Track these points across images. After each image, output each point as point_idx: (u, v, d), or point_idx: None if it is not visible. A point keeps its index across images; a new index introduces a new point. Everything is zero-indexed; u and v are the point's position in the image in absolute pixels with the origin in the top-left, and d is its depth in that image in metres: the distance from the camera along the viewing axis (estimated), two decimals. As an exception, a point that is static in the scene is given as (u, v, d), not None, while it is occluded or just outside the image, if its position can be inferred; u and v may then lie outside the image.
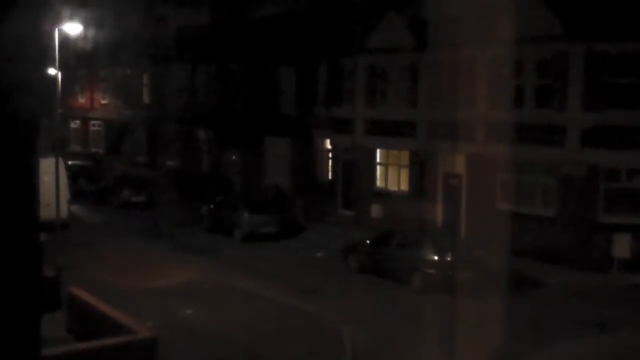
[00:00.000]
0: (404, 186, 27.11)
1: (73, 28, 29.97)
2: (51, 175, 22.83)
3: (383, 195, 27.79)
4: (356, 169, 29.12)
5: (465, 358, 13.82)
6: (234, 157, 36.83)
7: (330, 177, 31.10)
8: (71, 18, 29.90)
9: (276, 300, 18.44)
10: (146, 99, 44.66)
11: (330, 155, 31.21)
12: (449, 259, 19.17)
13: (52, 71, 30.06)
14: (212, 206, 28.72)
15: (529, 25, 21.62)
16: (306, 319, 16.94)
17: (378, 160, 28.61)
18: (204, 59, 38.39)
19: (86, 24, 34.05)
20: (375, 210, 27.59)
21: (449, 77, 24.21)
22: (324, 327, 16.14)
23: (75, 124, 52.20)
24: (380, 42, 27.04)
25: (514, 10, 21.94)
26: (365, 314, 17.15)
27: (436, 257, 19.28)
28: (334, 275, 21.03)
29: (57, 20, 28.83)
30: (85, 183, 34.91)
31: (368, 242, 21.63)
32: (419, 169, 26.16)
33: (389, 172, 28.14)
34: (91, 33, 38.52)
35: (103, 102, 49.19)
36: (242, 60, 35.61)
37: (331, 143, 30.94)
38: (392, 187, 27.77)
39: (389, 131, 27.06)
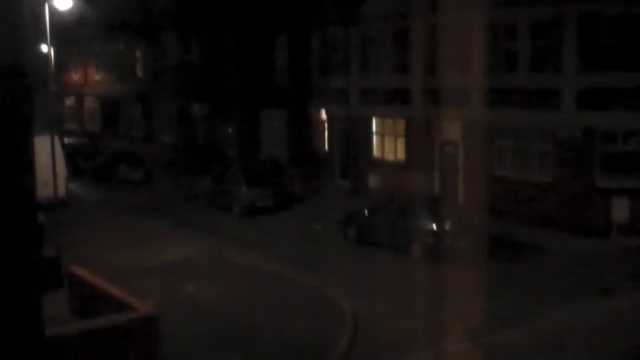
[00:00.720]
0: (401, 155, 27.11)
1: (63, 3, 29.62)
2: (47, 154, 22.76)
3: (380, 165, 27.81)
4: (352, 139, 29.09)
5: (465, 324, 13.93)
6: (229, 130, 36.76)
7: (326, 148, 31.08)
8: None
9: (276, 273, 18.51)
10: (140, 73, 44.42)
11: (326, 126, 31.16)
12: (447, 227, 19.23)
13: (44, 48, 29.85)
14: (210, 181, 28.71)
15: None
16: (306, 291, 17.02)
17: (374, 129, 28.58)
18: (197, 32, 38.12)
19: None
20: (373, 180, 27.63)
21: (442, 42, 24.04)
22: (324, 300, 16.23)
23: (70, 101, 52.00)
24: (372, 9, 26.85)
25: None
26: (365, 285, 17.24)
27: (434, 226, 19.32)
28: (332, 246, 21.09)
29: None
30: (82, 160, 34.87)
31: (366, 212, 21.66)
32: (415, 137, 26.12)
33: (385, 141, 28.13)
34: (82, 7, 38.17)
35: (97, 77, 48.93)
36: (235, 31, 35.37)
37: (326, 113, 30.89)
38: (389, 156, 27.78)
39: (384, 100, 27.02)
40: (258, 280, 18.16)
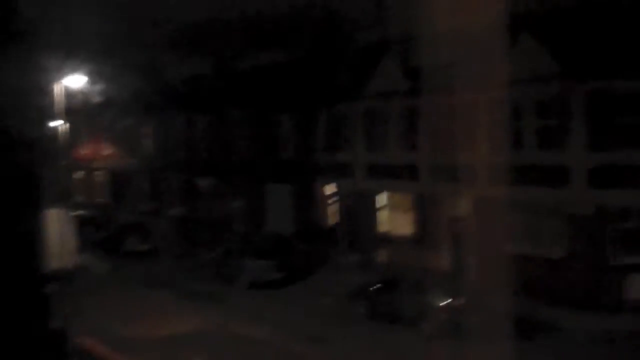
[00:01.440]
0: (409, 230, 27.03)
1: (77, 80, 30.31)
2: (57, 226, 22.84)
3: (388, 240, 27.70)
4: (359, 213, 29.10)
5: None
6: (235, 204, 36.86)
7: (332, 222, 31.04)
8: (75, 71, 30.30)
9: (284, 348, 18.25)
10: (148, 148, 44.92)
11: (331, 200, 31.21)
12: (459, 303, 19.03)
13: (56, 123, 30.31)
14: (216, 254, 28.61)
15: (526, 66, 21.77)
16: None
17: (381, 204, 28.61)
18: (204, 108, 38.71)
19: (89, 76, 34.43)
20: (382, 255, 27.49)
21: (448, 119, 24.22)
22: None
23: (79, 174, 52.38)
24: (377, 87, 27.28)
25: (510, 52, 22.14)
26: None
27: (446, 302, 19.13)
28: (341, 321, 20.85)
29: (61, 73, 29.17)
30: (90, 232, 34.89)
31: (375, 287, 21.49)
32: (423, 212, 26.11)
33: (393, 216, 28.10)
34: (94, 85, 38.93)
35: (106, 152, 49.42)
36: (241, 108, 35.90)
37: (332, 188, 30.98)
38: (397, 231, 27.70)
39: (391, 175, 27.12)
40: (264, 355, 17.88)
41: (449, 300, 19.12)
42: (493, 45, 21.08)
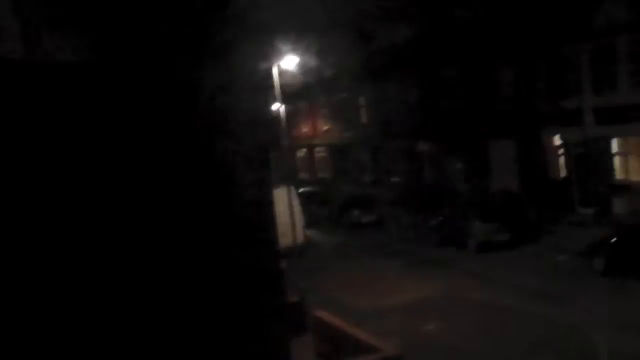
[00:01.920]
0: (648, 176, 24.92)
1: (290, 61, 31.19)
2: (285, 204, 23.71)
3: (626, 188, 25.70)
4: (591, 162, 27.25)
5: None
6: (457, 166, 36.14)
7: (563, 174, 29.38)
8: (287, 52, 31.19)
9: (520, 309, 17.54)
10: (365, 119, 45.38)
11: (560, 151, 29.52)
12: None
13: (276, 105, 31.46)
14: (441, 218, 28.24)
15: None
16: (554, 327, 15.89)
17: (615, 150, 26.58)
18: (417, 71, 38.20)
19: (300, 55, 35.30)
20: (618, 205, 25.56)
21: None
22: (575, 335, 15.02)
23: (301, 153, 54.33)
24: (605, 22, 25.15)
25: None
26: (621, 320, 15.74)
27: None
28: (579, 279, 19.68)
29: (276, 55, 30.15)
30: (317, 208, 35.96)
31: (614, 240, 19.98)
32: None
33: (629, 162, 26.01)
34: (306, 64, 39.88)
35: (325, 128, 50.72)
36: (455, 66, 34.95)
37: (560, 138, 29.27)
38: (635, 177, 25.61)
39: (624, 117, 25.03)
40: (501, 318, 17.29)
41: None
42: None
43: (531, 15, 29.48)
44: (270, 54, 29.02)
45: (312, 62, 40.73)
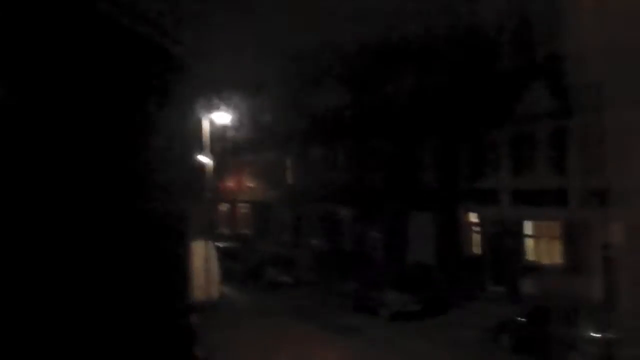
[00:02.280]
0: (557, 259, 25.80)
1: (222, 117, 31.34)
2: (202, 258, 23.54)
3: (535, 269, 26.54)
4: (504, 242, 28.09)
5: None
6: (376, 234, 36.62)
7: (476, 251, 30.14)
8: (219, 107, 31.41)
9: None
10: (290, 180, 45.71)
11: (475, 228, 30.35)
12: (610, 335, 17.82)
13: (202, 158, 31.39)
14: (357, 285, 28.43)
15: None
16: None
17: (528, 232, 27.51)
18: (345, 138, 38.88)
19: (232, 111, 35.54)
20: (528, 285, 26.34)
21: (599, 141, 23.10)
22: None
23: (223, 207, 54.07)
24: (525, 110, 26.35)
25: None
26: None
27: (598, 335, 17.96)
28: (484, 355, 20.05)
29: (207, 109, 30.30)
30: (235, 264, 35.68)
31: (522, 319, 20.54)
32: (573, 239, 24.84)
33: (540, 244, 26.93)
34: (237, 120, 40.11)
35: (250, 185, 50.82)
36: (382, 137, 35.75)
37: (476, 216, 30.13)
38: (545, 259, 26.51)
39: (538, 201, 26.00)
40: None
41: (601, 333, 17.93)
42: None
43: (457, 97, 30.66)
44: (201, 108, 29.20)
45: (243, 119, 41.05)
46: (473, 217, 30.41)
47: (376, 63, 37.41)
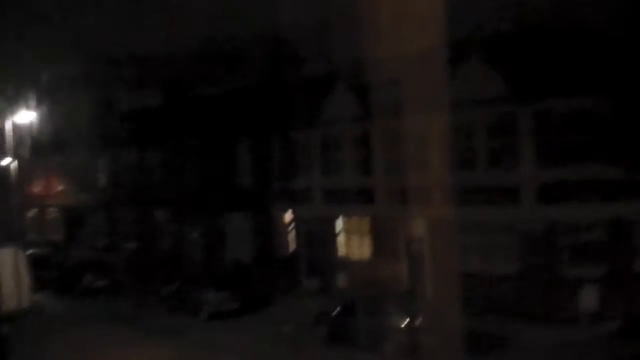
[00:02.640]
0: (368, 253, 27.27)
1: (25, 117, 30.01)
2: (10, 266, 22.60)
3: (347, 264, 27.89)
4: (317, 239, 29.25)
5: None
6: (194, 235, 36.71)
7: (292, 248, 31.13)
8: (23, 107, 30.09)
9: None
10: (102, 182, 44.54)
11: (290, 226, 31.33)
12: (417, 323, 19.22)
13: (6, 161, 29.97)
14: (174, 286, 28.42)
15: (475, 88, 22.36)
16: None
17: (339, 228, 28.82)
18: (157, 140, 38.60)
19: (38, 112, 34.18)
20: (341, 280, 27.63)
21: (402, 142, 24.66)
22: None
23: (32, 212, 51.59)
24: (330, 113, 27.66)
25: (459, 74, 22.72)
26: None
27: (405, 323, 19.31)
28: (303, 348, 20.89)
29: (9, 110, 28.96)
30: (46, 271, 34.34)
31: (336, 312, 21.59)
32: (380, 235, 26.39)
33: (351, 240, 28.32)
34: (43, 121, 38.61)
35: (59, 188, 48.85)
36: (195, 138, 35.91)
37: (290, 215, 31.11)
38: (356, 255, 27.91)
39: (348, 199, 27.34)
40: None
41: (408, 321, 19.31)
42: (438, 69, 21.60)
43: (267, 99, 31.58)
44: (4, 109, 27.90)
45: (52, 119, 39.54)
46: (288, 216, 31.37)
47: (190, 65, 37.56)
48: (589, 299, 20.13)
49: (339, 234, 28.81)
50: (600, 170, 20.87)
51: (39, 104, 35.52)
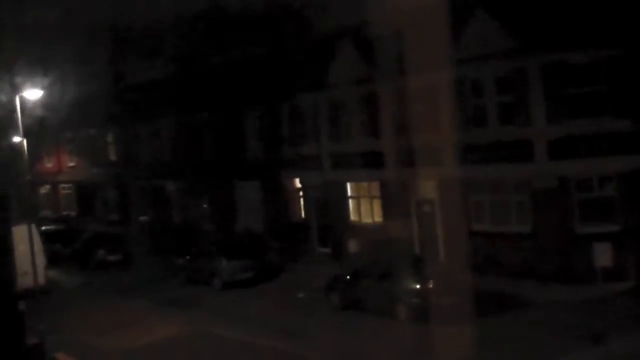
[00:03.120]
0: (378, 217, 27.23)
1: (33, 93, 29.92)
2: (26, 243, 22.74)
3: (358, 229, 27.88)
4: (328, 205, 29.23)
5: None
6: (204, 206, 36.81)
7: (303, 215, 31.15)
8: (31, 83, 29.95)
9: (263, 345, 18.34)
10: (113, 156, 44.65)
11: (301, 193, 31.32)
12: (430, 285, 19.20)
13: (17, 139, 29.98)
14: (187, 257, 28.59)
15: (482, 43, 21.99)
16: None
17: (349, 194, 28.77)
18: (166, 111, 38.54)
19: (46, 88, 34.06)
20: (352, 245, 27.65)
21: (410, 103, 24.40)
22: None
23: (45, 189, 51.88)
24: (338, 75, 27.38)
25: (464, 29, 22.36)
26: (355, 351, 17.13)
27: (418, 286, 19.31)
28: (317, 314, 20.97)
29: (17, 87, 28.86)
30: (60, 247, 34.61)
31: (348, 277, 21.63)
32: (391, 198, 26.30)
33: (361, 205, 28.28)
34: (52, 97, 38.53)
35: (71, 164, 49.02)
36: (204, 109, 35.83)
37: (300, 181, 31.08)
38: (367, 219, 27.88)
39: (357, 163, 27.24)
40: (246, 354, 17.98)
41: (420, 284, 19.30)
42: (444, 24, 21.24)
43: (274, 65, 31.36)
44: (12, 85, 27.79)
45: (59, 95, 39.46)
46: (297, 183, 31.33)
47: (197, 34, 37.34)
48: (603, 256, 19.92)
49: (349, 199, 28.76)
50: (612, 124, 20.57)
51: (46, 79, 35.41)
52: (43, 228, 33.65)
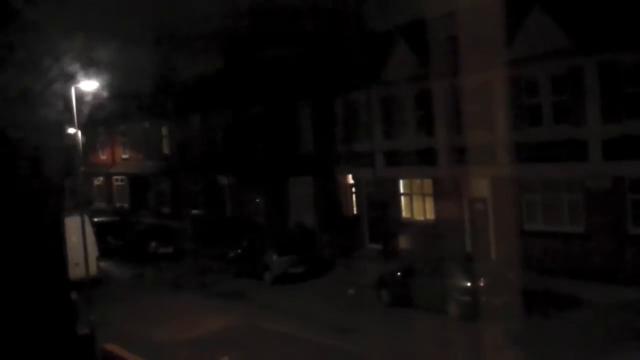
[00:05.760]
0: (430, 215, 26.95)
1: (89, 85, 30.26)
2: (78, 234, 23.04)
3: (410, 226, 27.63)
4: (380, 201, 29.03)
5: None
6: (257, 200, 36.91)
7: (355, 211, 31.01)
8: (86, 75, 30.32)
9: (313, 340, 18.26)
10: (166, 149, 45.05)
11: (353, 189, 31.17)
12: (482, 284, 18.91)
13: (71, 130, 30.44)
14: (239, 251, 28.69)
15: (538, 42, 21.56)
16: (346, 358, 16.76)
17: (401, 190, 28.53)
18: (220, 106, 38.73)
19: (101, 80, 34.51)
20: (403, 242, 27.41)
21: (465, 101, 24.15)
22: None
23: (98, 181, 52.70)
24: (393, 73, 27.14)
25: (520, 28, 21.95)
26: (402, 348, 16.93)
27: (469, 284, 19.03)
28: (367, 310, 20.84)
29: (73, 79, 29.26)
30: (112, 239, 35.07)
31: (399, 274, 21.43)
32: (444, 196, 25.99)
33: (413, 202, 28.01)
34: (107, 89, 39.04)
35: (124, 156, 49.67)
36: (258, 103, 35.89)
37: (353, 178, 30.93)
38: (418, 216, 27.62)
39: (410, 161, 26.98)
40: (296, 348, 17.91)
41: (471, 282, 19.00)
42: (499, 23, 20.89)
43: (330, 62, 31.18)
44: (67, 76, 28.19)
45: (114, 88, 39.96)
46: (350, 179, 31.19)
47: (253, 29, 37.37)
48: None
49: (401, 195, 28.50)
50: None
51: (102, 72, 35.87)
52: (96, 219, 34.12)
